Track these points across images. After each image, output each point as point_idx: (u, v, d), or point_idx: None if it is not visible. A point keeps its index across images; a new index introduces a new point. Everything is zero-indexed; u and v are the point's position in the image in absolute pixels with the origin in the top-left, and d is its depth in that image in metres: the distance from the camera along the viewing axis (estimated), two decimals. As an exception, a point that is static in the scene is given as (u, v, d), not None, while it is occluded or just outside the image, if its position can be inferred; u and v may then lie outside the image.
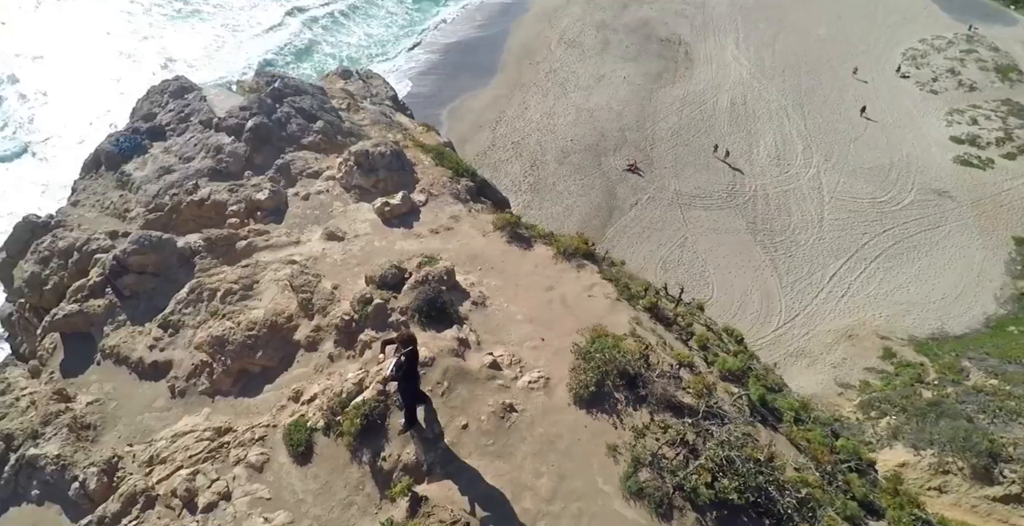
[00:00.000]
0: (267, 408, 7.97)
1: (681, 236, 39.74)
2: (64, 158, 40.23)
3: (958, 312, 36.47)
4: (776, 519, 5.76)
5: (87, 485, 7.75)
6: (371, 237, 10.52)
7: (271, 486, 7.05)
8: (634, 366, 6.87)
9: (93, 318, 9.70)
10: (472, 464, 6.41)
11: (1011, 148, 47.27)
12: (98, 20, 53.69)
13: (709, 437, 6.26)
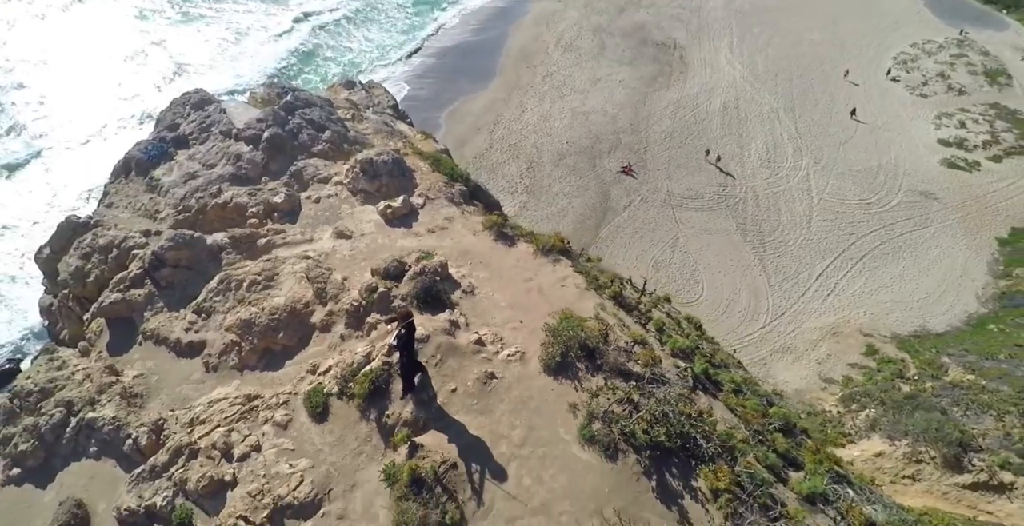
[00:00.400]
0: (288, 379, 9.56)
1: (673, 236, 41.25)
2: (71, 164, 41.91)
3: (940, 310, 37.96)
4: (700, 460, 7.33)
5: (139, 441, 9.31)
6: (375, 235, 12.13)
7: (294, 440, 8.63)
8: (593, 341, 8.46)
9: (134, 305, 11.30)
10: (459, 419, 8.04)
11: (997, 151, 48.79)
12: (104, 27, 55.37)
13: (650, 396, 7.82)
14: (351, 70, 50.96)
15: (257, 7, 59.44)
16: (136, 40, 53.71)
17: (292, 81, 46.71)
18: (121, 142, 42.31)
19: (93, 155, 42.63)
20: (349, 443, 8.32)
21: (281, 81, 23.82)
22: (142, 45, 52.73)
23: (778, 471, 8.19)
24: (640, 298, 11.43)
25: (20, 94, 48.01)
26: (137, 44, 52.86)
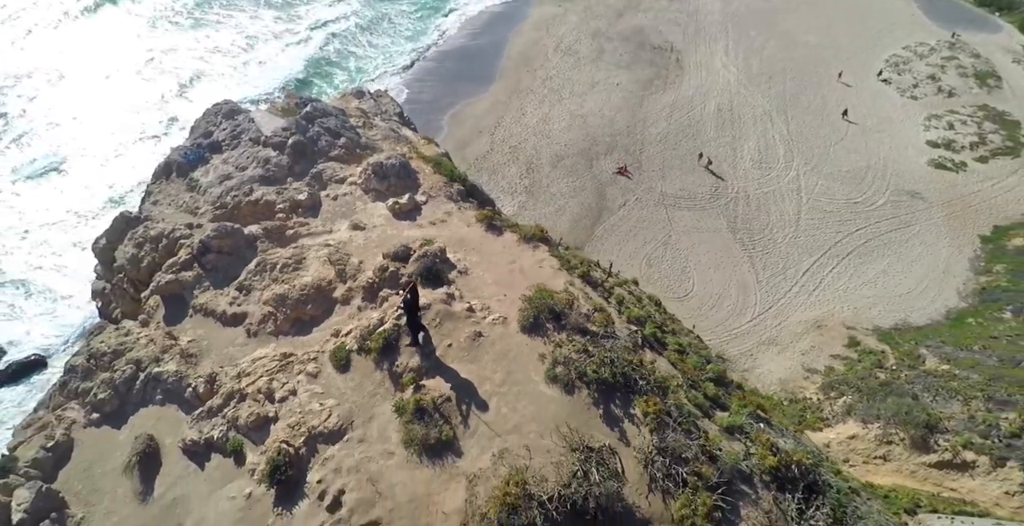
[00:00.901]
0: (316, 341, 11.93)
1: (665, 234, 43.57)
2: (88, 173, 44.53)
3: (922, 305, 40.10)
4: (637, 393, 9.66)
5: (197, 389, 11.69)
6: (385, 227, 14.52)
7: (323, 386, 10.99)
8: (560, 307, 10.81)
9: (185, 284, 13.71)
10: (453, 367, 10.40)
11: (984, 152, 50.88)
12: (120, 36, 58.16)
13: (601, 347, 10.15)
14: (357, 75, 53.60)
15: (266, 15, 62.23)
16: (151, 49, 56.54)
17: (306, 89, 49.55)
18: (140, 151, 45.25)
19: (111, 163, 45.40)
20: (367, 387, 10.70)
21: (298, 92, 26.38)
22: (157, 54, 55.52)
23: (705, 410, 10.48)
24: (607, 278, 13.81)
25: (36, 103, 50.67)
26: (152, 53, 55.65)
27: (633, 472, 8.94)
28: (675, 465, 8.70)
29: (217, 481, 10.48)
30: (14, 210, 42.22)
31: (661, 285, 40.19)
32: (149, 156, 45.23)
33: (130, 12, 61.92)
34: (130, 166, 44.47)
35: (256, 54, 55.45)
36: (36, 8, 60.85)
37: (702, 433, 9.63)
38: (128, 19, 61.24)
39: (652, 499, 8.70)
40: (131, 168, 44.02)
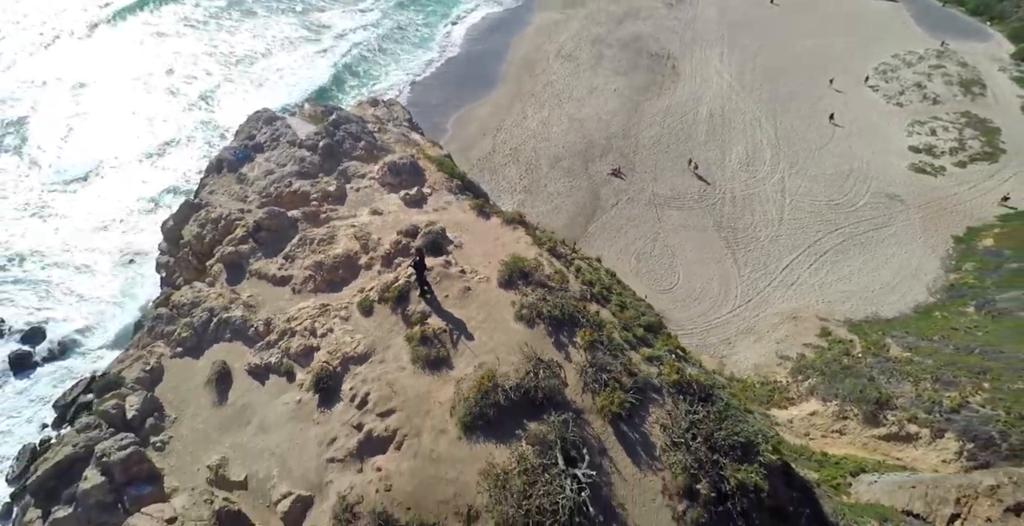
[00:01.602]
0: (346, 296, 16.13)
1: (655, 232, 47.71)
2: (117, 179, 49.12)
3: (892, 300, 44.01)
4: (579, 327, 13.81)
5: (258, 329, 15.93)
6: (398, 213, 18.77)
7: (352, 326, 15.20)
8: (528, 270, 15.00)
9: (242, 254, 18.01)
10: (449, 311, 14.58)
11: (963, 157, 54.80)
12: (150, 45, 63.02)
13: (556, 296, 14.31)
14: (367, 81, 58.30)
15: (288, 28, 67.00)
16: (177, 53, 61.48)
17: (327, 95, 54.25)
18: (173, 157, 50.01)
19: (143, 169, 50.03)
20: (385, 326, 14.90)
21: (320, 100, 30.80)
22: (183, 63, 60.37)
23: (633, 345, 14.63)
24: (571, 253, 18.01)
25: (57, 111, 55.21)
26: (178, 61, 60.52)
27: (571, 379, 13.11)
28: (600, 373, 12.89)
29: (275, 393, 14.71)
30: (46, 212, 46.82)
31: (648, 278, 44.31)
32: (178, 161, 50.34)
33: (149, 22, 66.93)
34: (160, 169, 49.40)
35: (276, 61, 60.29)
36: (62, 17, 65.87)
37: (626, 358, 13.78)
38: (151, 27, 66.25)
39: (583, 397, 12.87)
40: (160, 171, 49.02)
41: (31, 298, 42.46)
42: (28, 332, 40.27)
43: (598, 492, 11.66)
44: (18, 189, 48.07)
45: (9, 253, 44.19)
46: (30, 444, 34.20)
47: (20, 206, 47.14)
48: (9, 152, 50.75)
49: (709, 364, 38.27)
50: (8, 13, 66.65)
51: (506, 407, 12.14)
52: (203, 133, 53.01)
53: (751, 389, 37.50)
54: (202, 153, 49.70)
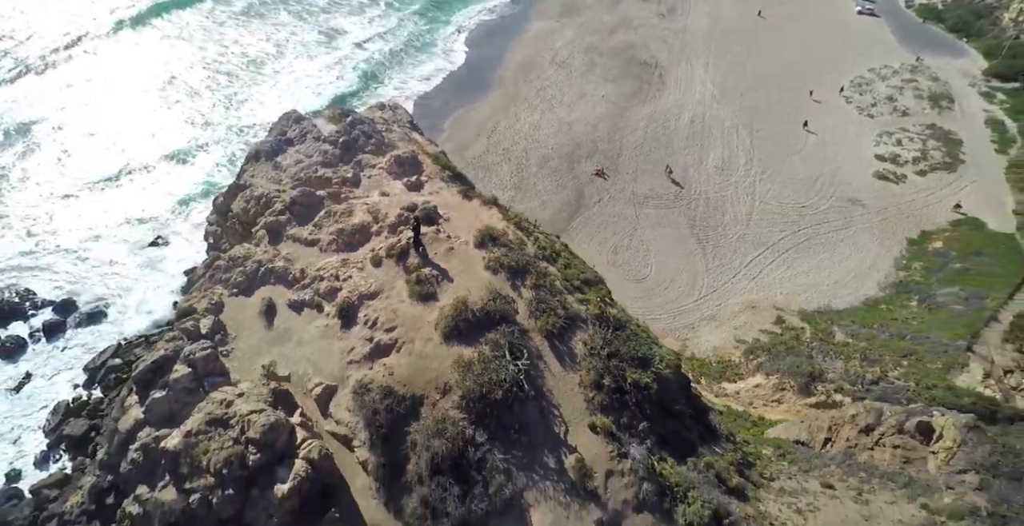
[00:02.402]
0: (362, 254, 22.39)
1: (632, 228, 54.07)
2: (151, 180, 55.55)
3: (845, 293, 50.27)
4: (529, 274, 20.12)
5: (295, 275, 22.12)
6: (400, 195, 25.07)
7: (366, 273, 21.40)
8: (496, 236, 21.25)
9: (281, 223, 24.32)
10: (437, 263, 20.82)
11: (924, 166, 61.30)
12: (169, 58, 69.61)
13: (514, 252, 20.69)
14: (373, 83, 65.08)
15: (308, 37, 73.86)
16: (202, 63, 68.22)
17: (343, 100, 61.07)
18: (200, 161, 56.58)
19: (170, 172, 56.54)
20: (390, 274, 21.13)
21: (341, 106, 37.40)
22: (207, 72, 67.08)
23: (570, 291, 20.85)
24: (533, 227, 24.37)
25: (85, 117, 61.67)
26: (202, 71, 67.20)
27: (521, 309, 19.33)
28: (541, 304, 19.14)
29: (308, 320, 20.93)
30: (78, 204, 53.17)
31: (624, 269, 50.65)
32: (204, 161, 57.04)
33: (168, 31, 73.77)
34: (187, 165, 56.23)
35: (295, 66, 67.25)
36: (85, 19, 72.65)
37: (563, 298, 20.04)
38: (178, 32, 73.07)
39: (528, 321, 19.11)
40: (186, 168, 55.89)
41: (64, 274, 48.82)
42: (60, 303, 46.61)
43: (533, 380, 18.02)
44: (53, 186, 54.40)
45: (43, 236, 50.63)
46: (64, 401, 40.56)
47: (52, 198, 53.51)
48: (38, 152, 57.07)
49: (672, 345, 44.64)
50: (30, 14, 73.39)
51: (473, 322, 18.44)
52: (227, 134, 59.78)
53: (707, 366, 43.85)
54: (224, 152, 56.70)
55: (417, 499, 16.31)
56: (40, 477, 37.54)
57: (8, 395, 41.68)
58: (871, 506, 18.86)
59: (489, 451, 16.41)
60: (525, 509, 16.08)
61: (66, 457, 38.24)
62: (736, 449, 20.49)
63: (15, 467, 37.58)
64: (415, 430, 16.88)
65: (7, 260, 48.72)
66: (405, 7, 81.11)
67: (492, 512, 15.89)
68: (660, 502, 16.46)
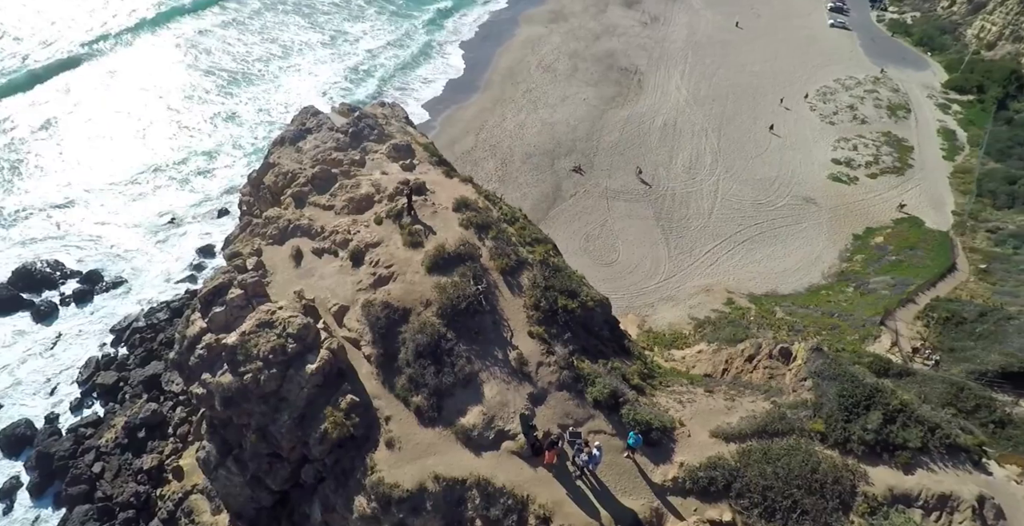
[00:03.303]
0: (367, 216, 30.76)
1: (604, 218, 62.85)
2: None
3: (791, 280, 59.15)
4: (491, 229, 28.56)
5: (317, 230, 30.46)
6: (397, 174, 33.54)
7: (371, 230, 29.62)
8: (470, 203, 29.71)
9: (304, 193, 32.67)
10: (425, 221, 29.26)
11: (875, 169, 70.53)
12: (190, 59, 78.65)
13: (482, 214, 29.05)
14: (380, 85, 74.28)
15: (318, 46, 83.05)
16: (231, 73, 77.15)
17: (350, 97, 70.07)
18: (218, 157, 65.42)
19: (181, 166, 65.28)
20: (389, 229, 29.49)
21: (351, 102, 46.31)
22: (233, 79, 76.05)
23: (523, 244, 29.30)
24: (498, 200, 32.97)
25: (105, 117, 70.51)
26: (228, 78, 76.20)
27: (484, 254, 27.93)
28: (498, 250, 27.70)
29: (327, 262, 29.37)
30: (96, 197, 61.83)
31: (595, 255, 59.38)
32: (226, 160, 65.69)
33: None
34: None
35: (311, 70, 76.54)
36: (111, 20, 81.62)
37: (515, 247, 28.66)
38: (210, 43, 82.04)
39: (489, 262, 27.74)
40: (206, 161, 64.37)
41: (89, 250, 57.25)
42: (86, 274, 55.04)
43: (490, 300, 26.64)
44: (74, 177, 62.97)
45: (68, 219, 59.19)
46: (93, 357, 48.88)
47: (75, 188, 62.09)
48: (59, 155, 65.64)
49: (632, 321, 53.44)
50: (50, 14, 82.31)
51: (448, 260, 26.99)
52: (240, 131, 68.76)
53: (660, 337, 52.46)
54: (237, 147, 65.55)
55: (405, 377, 24.88)
56: (75, 420, 45.94)
57: (43, 352, 50.02)
58: (735, 402, 27.57)
59: (456, 344, 25.02)
60: (479, 383, 24.66)
61: (98, 403, 46.64)
62: (643, 364, 29.24)
63: (53, 412, 45.87)
64: (404, 331, 25.48)
65: (36, 236, 57.19)
66: (406, 13, 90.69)
67: (456, 384, 24.48)
68: (575, 384, 25.04)
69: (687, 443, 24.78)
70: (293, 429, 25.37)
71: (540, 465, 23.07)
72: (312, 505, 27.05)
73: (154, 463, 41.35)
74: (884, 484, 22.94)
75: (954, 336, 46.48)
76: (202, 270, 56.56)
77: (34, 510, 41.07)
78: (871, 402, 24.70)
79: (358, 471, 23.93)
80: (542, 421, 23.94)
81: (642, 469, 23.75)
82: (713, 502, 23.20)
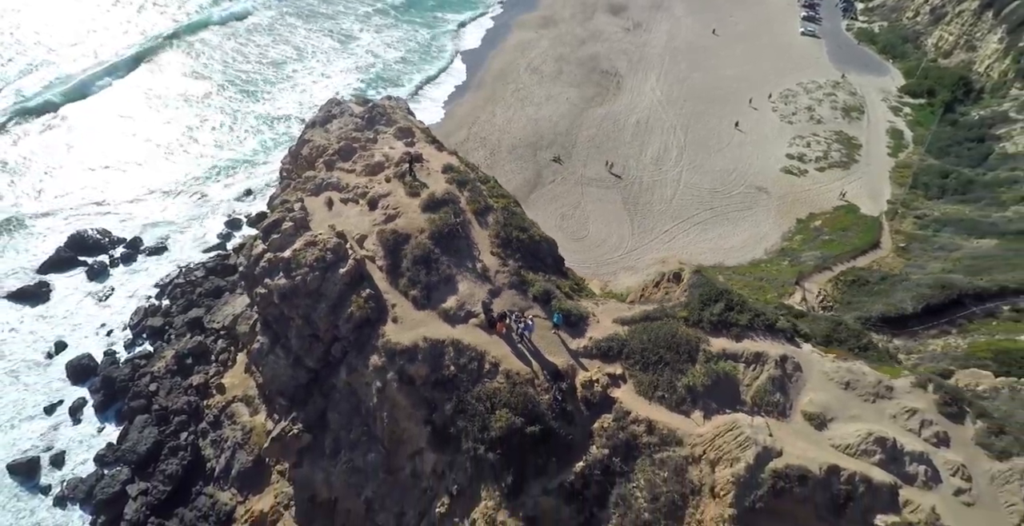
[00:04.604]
0: (380, 176, 45.66)
1: (577, 201, 78.20)
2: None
3: (737, 255, 74.16)
4: (468, 184, 43.57)
5: (343, 185, 45.66)
6: (401, 148, 48.81)
7: (382, 185, 44.69)
8: (453, 167, 44.70)
9: (332, 161, 47.40)
10: (420, 179, 44.45)
11: (824, 164, 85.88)
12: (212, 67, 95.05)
13: (464, 175, 44.12)
14: (387, 84, 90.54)
15: (333, 54, 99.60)
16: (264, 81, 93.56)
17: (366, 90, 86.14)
18: (241, 146, 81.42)
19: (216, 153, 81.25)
20: (395, 185, 44.43)
21: (365, 94, 62.33)
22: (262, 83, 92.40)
23: (491, 198, 44.32)
24: (475, 167, 48.07)
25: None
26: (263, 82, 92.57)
27: (462, 200, 43.20)
28: (472, 197, 42.89)
29: (351, 208, 44.51)
30: (135, 178, 77.85)
31: (568, 231, 74.69)
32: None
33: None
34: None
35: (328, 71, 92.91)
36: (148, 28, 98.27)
37: (486, 197, 43.87)
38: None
39: (466, 205, 43.09)
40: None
41: (134, 222, 72.99)
42: (130, 240, 70.65)
43: (465, 229, 42.09)
44: (113, 160, 79.05)
45: (110, 194, 75.07)
46: (141, 306, 64.21)
47: (115, 170, 78.19)
48: (109, 148, 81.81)
49: (596, 285, 68.60)
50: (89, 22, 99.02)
51: (436, 202, 41.96)
52: (258, 125, 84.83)
53: (618, 296, 67.54)
54: (258, 139, 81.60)
55: (405, 278, 40.14)
56: (129, 355, 60.99)
57: (98, 303, 65.33)
58: (634, 305, 42.76)
59: (440, 257, 40.26)
60: (456, 282, 39.87)
61: (148, 343, 61.78)
62: (574, 283, 44.56)
63: (111, 349, 60.91)
64: (406, 248, 40.79)
65: (88, 212, 72.93)
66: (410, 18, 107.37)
67: (440, 282, 39.70)
68: (520, 285, 40.10)
69: (596, 326, 39.79)
70: (328, 314, 40.61)
71: (494, 334, 38.10)
72: (338, 374, 42.24)
73: (201, 380, 56.18)
74: (720, 346, 37.59)
75: (854, 294, 61.56)
76: (230, 239, 71.99)
77: (98, 423, 55.34)
78: (720, 297, 39.89)
79: (373, 339, 39.17)
80: (496, 307, 39.19)
81: (563, 340, 38.67)
82: (610, 362, 38.05)
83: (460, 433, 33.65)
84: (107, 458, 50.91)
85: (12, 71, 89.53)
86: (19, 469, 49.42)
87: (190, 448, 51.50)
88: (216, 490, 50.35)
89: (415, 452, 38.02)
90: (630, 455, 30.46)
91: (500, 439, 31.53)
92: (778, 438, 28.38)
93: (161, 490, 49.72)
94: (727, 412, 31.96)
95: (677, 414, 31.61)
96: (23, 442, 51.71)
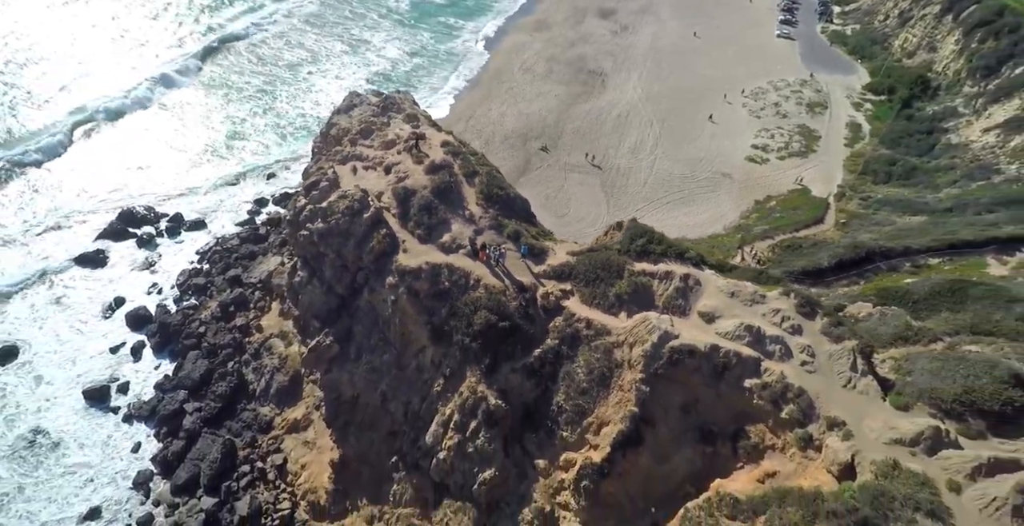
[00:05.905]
0: (393, 150, 65.00)
1: (561, 185, 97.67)
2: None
3: (699, 231, 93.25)
4: (462, 156, 63.07)
5: (365, 156, 65.18)
6: (408, 130, 68.29)
7: (395, 155, 64.25)
8: (449, 142, 64.14)
9: (355, 139, 66.69)
10: (424, 152, 64.24)
11: (784, 153, 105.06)
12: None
13: (457, 148, 63.68)
14: (396, 83, 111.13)
15: (346, 58, 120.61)
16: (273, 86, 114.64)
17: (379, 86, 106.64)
18: (264, 140, 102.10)
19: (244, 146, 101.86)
20: (404, 157, 63.92)
21: (380, 91, 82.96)
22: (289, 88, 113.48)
23: (477, 165, 63.62)
24: (466, 144, 67.58)
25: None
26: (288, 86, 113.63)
27: (455, 166, 62.77)
28: (463, 163, 62.29)
29: (371, 173, 64.03)
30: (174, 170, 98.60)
31: (552, 209, 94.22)
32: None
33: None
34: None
35: (341, 73, 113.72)
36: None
37: (472, 165, 63.49)
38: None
39: (458, 170, 62.65)
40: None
41: (176, 200, 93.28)
42: (172, 216, 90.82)
43: (457, 187, 61.93)
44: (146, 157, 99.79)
45: (152, 181, 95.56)
46: (186, 269, 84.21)
47: (156, 163, 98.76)
48: (155, 144, 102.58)
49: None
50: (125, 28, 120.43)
51: (435, 167, 61.04)
52: (281, 122, 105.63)
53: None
54: (280, 134, 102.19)
55: (413, 222, 59.63)
56: (178, 307, 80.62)
57: (149, 268, 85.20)
58: (584, 246, 62.45)
59: (439, 205, 59.66)
60: (450, 224, 59.29)
61: (193, 298, 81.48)
62: (540, 231, 64.29)
63: (162, 304, 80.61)
64: (413, 200, 60.61)
65: (135, 193, 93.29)
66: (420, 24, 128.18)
67: (438, 224, 59.13)
68: (497, 227, 59.28)
69: (554, 257, 58.92)
70: (355, 249, 60.21)
71: (477, 261, 57.59)
72: (361, 296, 61.88)
73: (243, 322, 75.58)
74: (640, 268, 56.61)
75: (786, 256, 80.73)
76: (258, 215, 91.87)
77: (156, 361, 74.26)
78: (644, 234, 59.32)
79: (389, 264, 58.88)
80: (479, 242, 58.95)
81: (529, 266, 58.01)
82: (563, 281, 57.34)
83: (452, 330, 51.12)
84: (165, 386, 67.70)
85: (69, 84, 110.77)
86: (92, 394, 66.06)
87: (236, 374, 69.59)
88: (258, 406, 69.35)
89: (419, 350, 56.74)
90: (574, 344, 46.43)
91: (480, 332, 47.62)
92: (678, 328, 42.69)
93: (213, 406, 67.75)
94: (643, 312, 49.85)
95: (608, 314, 47.77)
96: (93, 374, 68.78)
